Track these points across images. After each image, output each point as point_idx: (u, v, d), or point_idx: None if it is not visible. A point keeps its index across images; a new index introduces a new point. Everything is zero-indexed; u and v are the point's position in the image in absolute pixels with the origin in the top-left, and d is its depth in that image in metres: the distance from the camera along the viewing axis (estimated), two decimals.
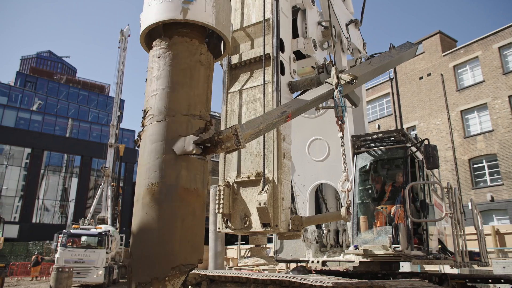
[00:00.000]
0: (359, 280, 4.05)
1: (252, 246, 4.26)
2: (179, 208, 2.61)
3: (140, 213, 2.63)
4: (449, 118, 26.62)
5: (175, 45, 3.02)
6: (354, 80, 4.11)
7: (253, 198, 3.93)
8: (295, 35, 5.17)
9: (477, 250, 8.65)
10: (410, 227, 5.47)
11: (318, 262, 6.25)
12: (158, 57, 2.99)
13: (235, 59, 4.62)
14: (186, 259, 2.58)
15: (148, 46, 3.23)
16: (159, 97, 2.86)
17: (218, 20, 3.11)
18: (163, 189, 2.61)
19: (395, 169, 6.29)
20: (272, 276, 4.62)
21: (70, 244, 18.67)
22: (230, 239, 26.08)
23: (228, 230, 4.08)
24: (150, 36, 3.17)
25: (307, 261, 6.41)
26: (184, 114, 2.82)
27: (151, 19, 3.00)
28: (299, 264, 6.81)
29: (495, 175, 24.12)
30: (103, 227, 20.95)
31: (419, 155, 6.31)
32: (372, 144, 6.21)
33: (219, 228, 4.17)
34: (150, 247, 2.52)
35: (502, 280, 6.37)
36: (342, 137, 3.81)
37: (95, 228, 20.66)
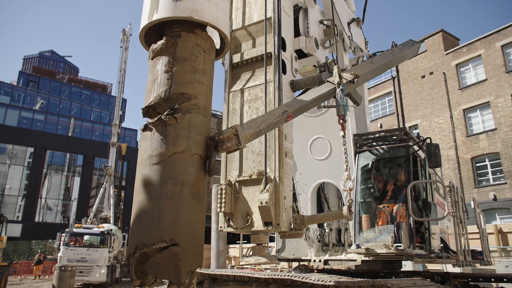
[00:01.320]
0: (361, 279, 4.05)
1: (254, 245, 4.26)
2: (205, 203, 2.80)
3: (188, 202, 2.57)
4: (451, 117, 26.53)
5: (212, 49, 3.11)
6: (356, 79, 4.10)
7: (255, 197, 3.93)
8: (296, 33, 5.17)
9: (479, 249, 8.63)
10: (412, 226, 5.46)
11: (320, 261, 6.25)
12: (204, 52, 2.99)
13: (236, 58, 4.62)
14: None
15: (146, 38, 3.16)
16: (205, 93, 2.90)
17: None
18: (205, 183, 2.76)
19: (397, 168, 6.27)
20: (274, 275, 4.63)
21: (72, 243, 18.75)
22: (232, 238, 26.10)
23: (230, 229, 4.08)
24: (153, 28, 3.10)
25: (309, 260, 6.41)
26: (209, 117, 2.97)
27: (206, 14, 2.93)
28: (301, 263, 6.80)
29: (498, 173, 24.04)
30: (106, 226, 21.02)
31: (421, 154, 6.29)
32: (374, 143, 6.20)
33: (221, 227, 4.17)
34: (197, 239, 2.63)
35: (505, 279, 6.34)
36: (343, 136, 3.80)
37: (97, 227, 20.72)
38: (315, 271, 6.26)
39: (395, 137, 6.07)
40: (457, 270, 10.08)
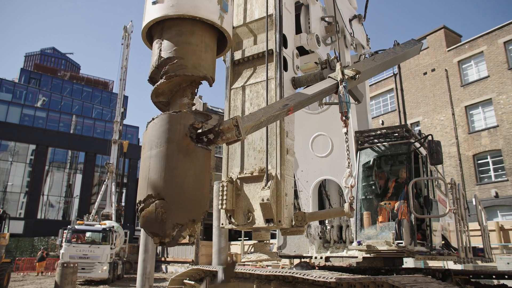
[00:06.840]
0: (362, 276, 4.06)
1: (255, 241, 4.27)
2: (198, 158, 2.97)
3: (174, 158, 2.77)
4: (453, 114, 26.47)
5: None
6: (357, 75, 4.09)
7: (256, 194, 3.93)
8: (298, 30, 5.15)
9: (481, 246, 8.63)
10: (413, 223, 5.47)
11: (321, 257, 6.26)
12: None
13: (238, 55, 4.62)
14: None
15: (148, 37, 3.19)
16: (193, 52, 3.13)
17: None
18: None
19: (399, 165, 6.27)
20: (275, 272, 4.65)
21: (74, 240, 18.84)
22: (233, 235, 26.18)
23: (232, 226, 4.08)
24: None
25: (310, 257, 6.43)
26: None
27: (208, 12, 3.00)
28: (302, 259, 6.82)
29: (499, 171, 24.00)
30: (108, 223, 21.08)
31: (423, 151, 6.28)
32: (376, 140, 6.19)
33: (222, 224, 4.18)
34: (185, 193, 2.78)
35: (506, 276, 6.35)
36: (346, 133, 3.80)
37: (99, 224, 20.78)
38: (317, 268, 6.27)
39: (396, 134, 6.06)
40: (458, 267, 10.07)
